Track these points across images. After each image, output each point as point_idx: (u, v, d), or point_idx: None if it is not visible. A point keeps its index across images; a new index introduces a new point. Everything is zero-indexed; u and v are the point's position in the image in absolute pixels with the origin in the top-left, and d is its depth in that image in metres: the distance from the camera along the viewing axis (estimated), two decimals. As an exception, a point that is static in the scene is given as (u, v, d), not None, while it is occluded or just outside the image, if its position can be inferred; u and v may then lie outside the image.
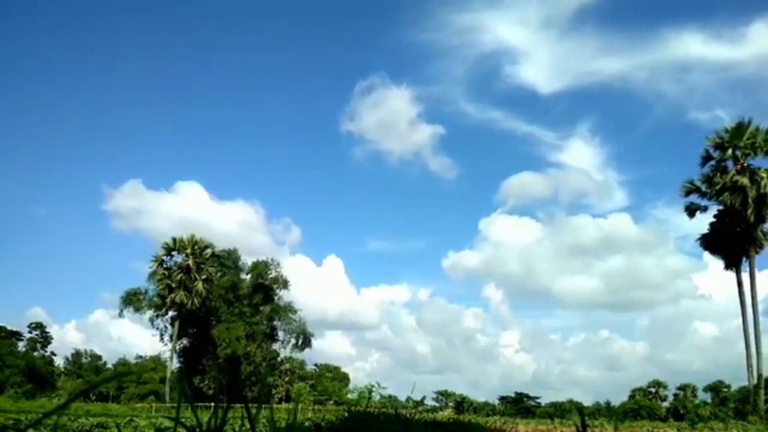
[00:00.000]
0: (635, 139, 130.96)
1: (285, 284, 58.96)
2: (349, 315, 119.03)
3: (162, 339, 56.90)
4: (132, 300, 55.47)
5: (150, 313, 55.68)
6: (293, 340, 60.17)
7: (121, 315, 56.52)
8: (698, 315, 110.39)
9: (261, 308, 58.16)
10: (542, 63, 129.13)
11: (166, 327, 56.21)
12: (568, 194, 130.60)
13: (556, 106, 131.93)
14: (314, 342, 61.22)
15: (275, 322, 59.07)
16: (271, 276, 58.66)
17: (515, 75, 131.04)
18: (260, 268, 58.76)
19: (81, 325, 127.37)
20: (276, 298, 58.81)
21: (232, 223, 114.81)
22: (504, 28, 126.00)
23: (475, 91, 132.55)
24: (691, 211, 41.95)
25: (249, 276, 59.74)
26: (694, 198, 41.86)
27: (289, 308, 59.11)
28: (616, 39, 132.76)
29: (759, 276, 41.55)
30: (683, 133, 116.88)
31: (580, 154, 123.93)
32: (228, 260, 59.91)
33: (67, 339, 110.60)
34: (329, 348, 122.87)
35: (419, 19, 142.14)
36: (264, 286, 58.23)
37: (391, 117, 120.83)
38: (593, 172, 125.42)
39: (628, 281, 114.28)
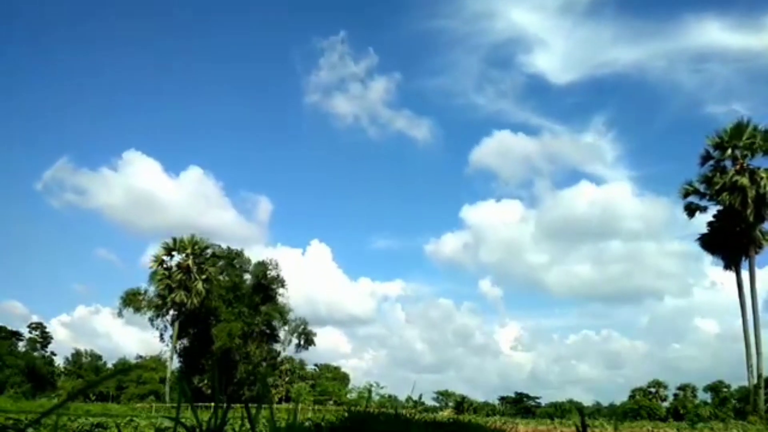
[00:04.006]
0: (649, 135, 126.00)
1: (282, 283, 58.84)
2: (341, 310, 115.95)
3: (162, 339, 56.92)
4: (132, 300, 55.45)
5: (150, 313, 55.65)
6: (295, 340, 60.16)
7: (120, 315, 56.54)
8: (700, 311, 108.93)
9: (260, 308, 58.12)
10: (557, 52, 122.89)
11: (166, 327, 56.23)
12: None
13: (569, 97, 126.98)
14: (310, 330, 61.03)
15: (274, 322, 59.04)
16: (270, 276, 58.63)
17: (528, 64, 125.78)
18: (260, 268, 58.76)
19: (66, 321, 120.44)
20: (274, 296, 58.74)
21: (191, 198, 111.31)
22: (519, 15, 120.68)
23: (484, 82, 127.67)
24: (690, 211, 41.95)
25: (250, 276, 59.69)
26: (693, 199, 41.88)
27: (284, 309, 58.99)
28: (634, 25, 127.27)
29: (759, 275, 41.62)
30: (699, 127, 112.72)
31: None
32: (237, 261, 59.96)
33: (57, 338, 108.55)
34: (322, 345, 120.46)
35: (428, 5, 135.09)
36: (263, 286, 58.21)
37: (371, 98, 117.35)
38: (606, 168, 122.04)
39: (628, 275, 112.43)
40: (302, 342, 60.18)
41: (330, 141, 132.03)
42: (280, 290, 58.78)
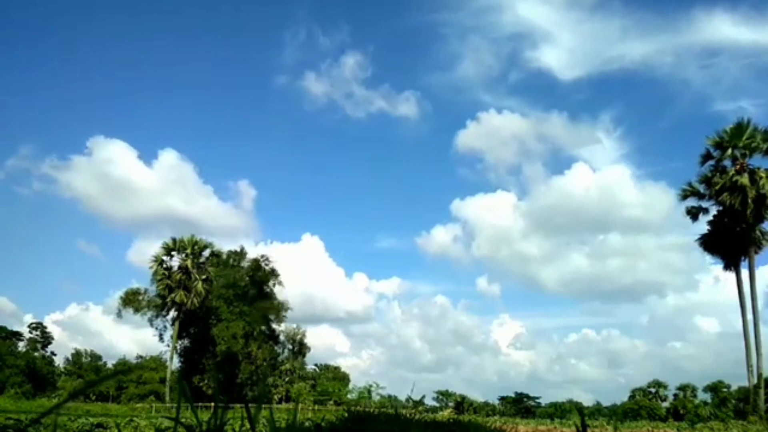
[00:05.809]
0: (657, 132, 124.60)
1: (276, 277, 58.39)
2: (338, 307, 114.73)
3: (162, 339, 56.87)
4: (132, 300, 55.42)
5: (150, 313, 55.60)
6: (290, 346, 60.16)
7: (119, 315, 56.43)
8: (701, 309, 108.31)
9: (256, 304, 57.89)
10: (564, 46, 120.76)
11: (166, 327, 56.20)
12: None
13: (576, 94, 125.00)
14: (306, 340, 61.01)
15: (274, 324, 58.97)
16: (264, 271, 58.28)
17: (535, 60, 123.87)
18: (254, 264, 58.52)
19: (58, 319, 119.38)
20: (271, 291, 58.43)
21: (169, 185, 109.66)
22: (525, 8, 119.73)
23: (490, 78, 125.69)
24: (693, 214, 41.91)
25: (244, 273, 59.40)
26: (692, 200, 41.82)
27: (283, 306, 58.75)
28: (643, 19, 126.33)
29: (759, 275, 41.55)
30: (707, 125, 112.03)
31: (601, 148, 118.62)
32: (236, 259, 59.82)
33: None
34: (319, 344, 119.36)
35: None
36: (257, 282, 57.91)
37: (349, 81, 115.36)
38: (612, 165, 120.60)
39: (630, 271, 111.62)
40: (296, 348, 60.27)
41: (314, 126, 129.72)
42: (277, 287, 58.65)
